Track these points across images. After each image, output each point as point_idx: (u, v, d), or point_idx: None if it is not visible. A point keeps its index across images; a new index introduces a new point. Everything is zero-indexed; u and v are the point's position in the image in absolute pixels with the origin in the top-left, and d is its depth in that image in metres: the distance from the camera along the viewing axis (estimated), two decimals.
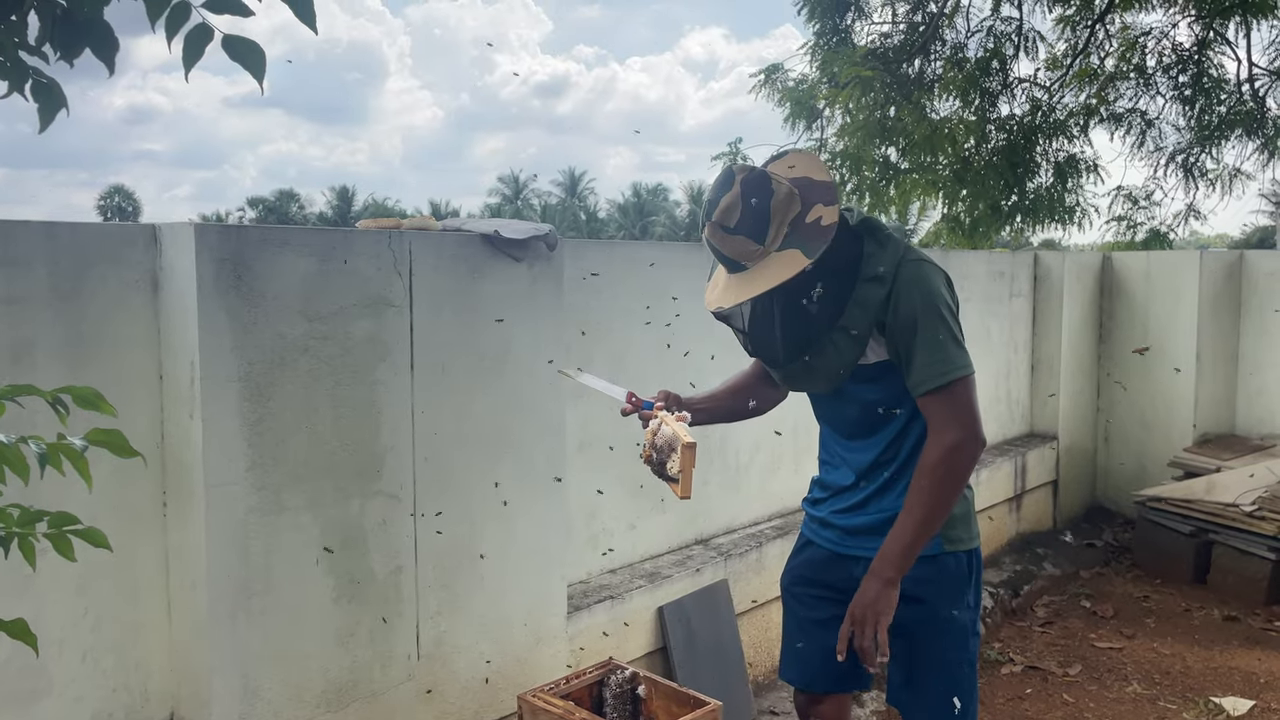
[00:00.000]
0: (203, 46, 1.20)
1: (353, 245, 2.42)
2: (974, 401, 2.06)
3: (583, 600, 3.17)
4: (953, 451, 2.03)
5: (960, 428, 2.03)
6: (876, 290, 2.03)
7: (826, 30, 8.42)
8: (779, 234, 1.99)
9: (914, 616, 2.16)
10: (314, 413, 2.35)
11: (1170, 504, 5.41)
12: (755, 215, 1.97)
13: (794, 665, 2.41)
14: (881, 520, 2.19)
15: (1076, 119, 8.33)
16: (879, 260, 2.05)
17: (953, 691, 2.18)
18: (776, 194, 1.99)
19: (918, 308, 2.01)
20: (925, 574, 2.15)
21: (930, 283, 2.03)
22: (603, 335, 3.34)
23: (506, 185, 61.80)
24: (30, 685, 2.13)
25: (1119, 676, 4.22)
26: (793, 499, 4.26)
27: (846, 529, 2.27)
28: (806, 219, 1.99)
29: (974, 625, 2.23)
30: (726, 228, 1.99)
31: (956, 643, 2.20)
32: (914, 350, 2.03)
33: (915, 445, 2.16)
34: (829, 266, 2.03)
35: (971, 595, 2.22)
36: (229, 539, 2.23)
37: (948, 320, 2.04)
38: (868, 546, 2.21)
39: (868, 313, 2.05)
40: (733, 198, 1.98)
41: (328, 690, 2.42)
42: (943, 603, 2.17)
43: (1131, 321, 6.33)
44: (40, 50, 1.27)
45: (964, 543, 2.19)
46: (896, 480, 2.19)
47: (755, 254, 2.01)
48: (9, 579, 2.03)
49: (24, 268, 2.07)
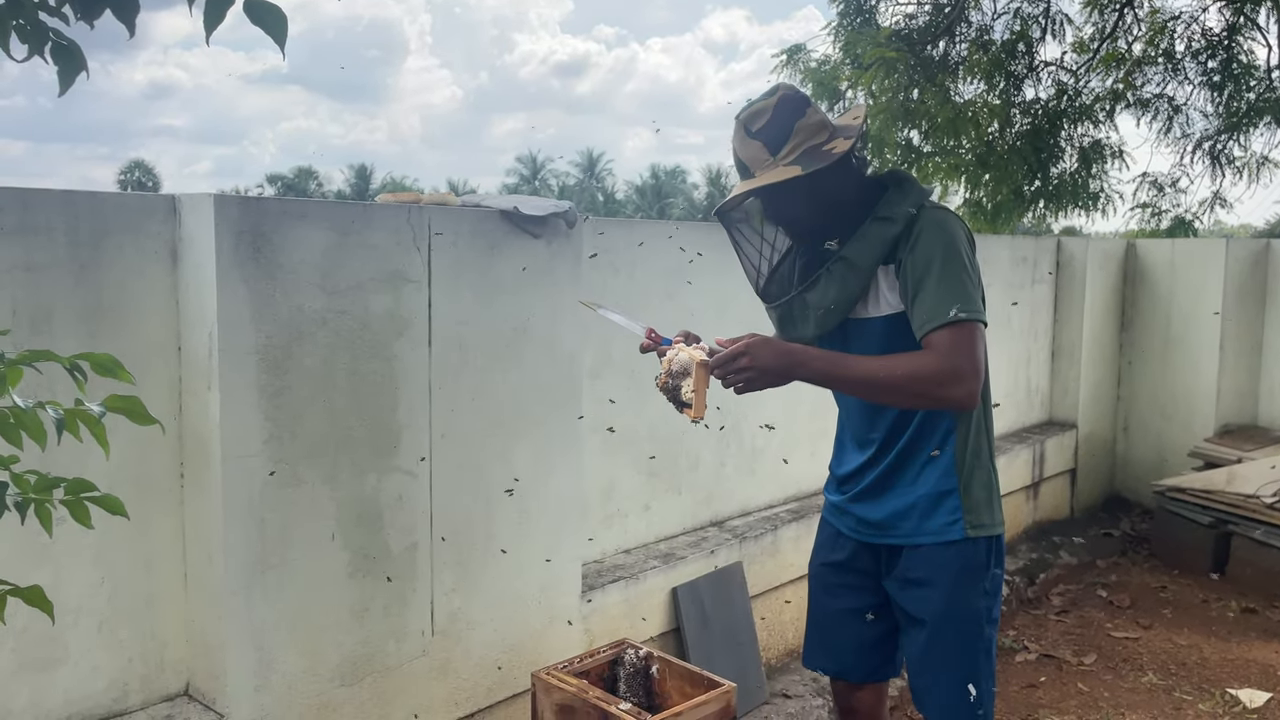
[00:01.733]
0: (224, 10, 1.18)
1: (372, 219, 2.41)
2: (979, 350, 1.91)
3: (597, 580, 3.16)
4: (936, 374, 1.89)
5: (954, 366, 1.88)
6: (885, 229, 2.02)
7: (850, 11, 8.33)
8: (792, 151, 2.01)
9: (931, 603, 2.14)
10: (331, 387, 2.35)
11: (1190, 494, 5.36)
12: (778, 127, 2.01)
13: (823, 654, 2.39)
14: (900, 508, 2.16)
15: (1103, 104, 8.21)
16: (895, 203, 2.04)
17: (968, 679, 2.15)
18: (807, 118, 2.02)
19: (937, 248, 1.96)
20: (945, 559, 2.12)
21: (953, 229, 2.00)
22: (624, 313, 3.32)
23: (524, 165, 61.74)
24: (47, 654, 2.14)
25: (1135, 666, 4.19)
26: (809, 483, 4.24)
27: (865, 520, 2.24)
28: (823, 146, 2.02)
29: (990, 612, 2.18)
30: (749, 130, 2.04)
31: (973, 630, 2.15)
32: (925, 285, 1.94)
33: (926, 423, 2.12)
34: (838, 198, 2.06)
35: (990, 582, 2.16)
36: (245, 511, 2.22)
37: (966, 266, 1.98)
38: (888, 534, 2.19)
39: (872, 249, 2.02)
40: (766, 105, 2.03)
41: (342, 664, 2.43)
42: (961, 590, 2.12)
43: (1154, 309, 6.25)
44: (60, 11, 1.25)
45: (987, 528, 2.13)
46: (907, 459, 2.15)
47: (764, 163, 2.03)
48: (26, 547, 2.04)
49: (44, 236, 2.07)
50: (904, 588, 2.19)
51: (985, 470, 2.15)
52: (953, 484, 2.11)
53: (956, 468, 2.11)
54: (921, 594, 2.14)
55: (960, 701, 2.15)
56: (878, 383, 1.93)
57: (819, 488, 4.31)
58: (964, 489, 2.11)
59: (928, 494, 2.12)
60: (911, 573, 2.16)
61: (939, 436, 2.12)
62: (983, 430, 2.16)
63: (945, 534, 2.11)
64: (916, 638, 2.19)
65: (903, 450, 2.15)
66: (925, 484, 2.12)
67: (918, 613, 2.16)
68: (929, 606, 2.14)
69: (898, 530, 2.16)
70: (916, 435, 2.14)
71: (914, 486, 2.13)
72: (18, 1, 1.21)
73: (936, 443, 2.12)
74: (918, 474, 2.13)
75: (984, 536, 2.13)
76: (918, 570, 2.15)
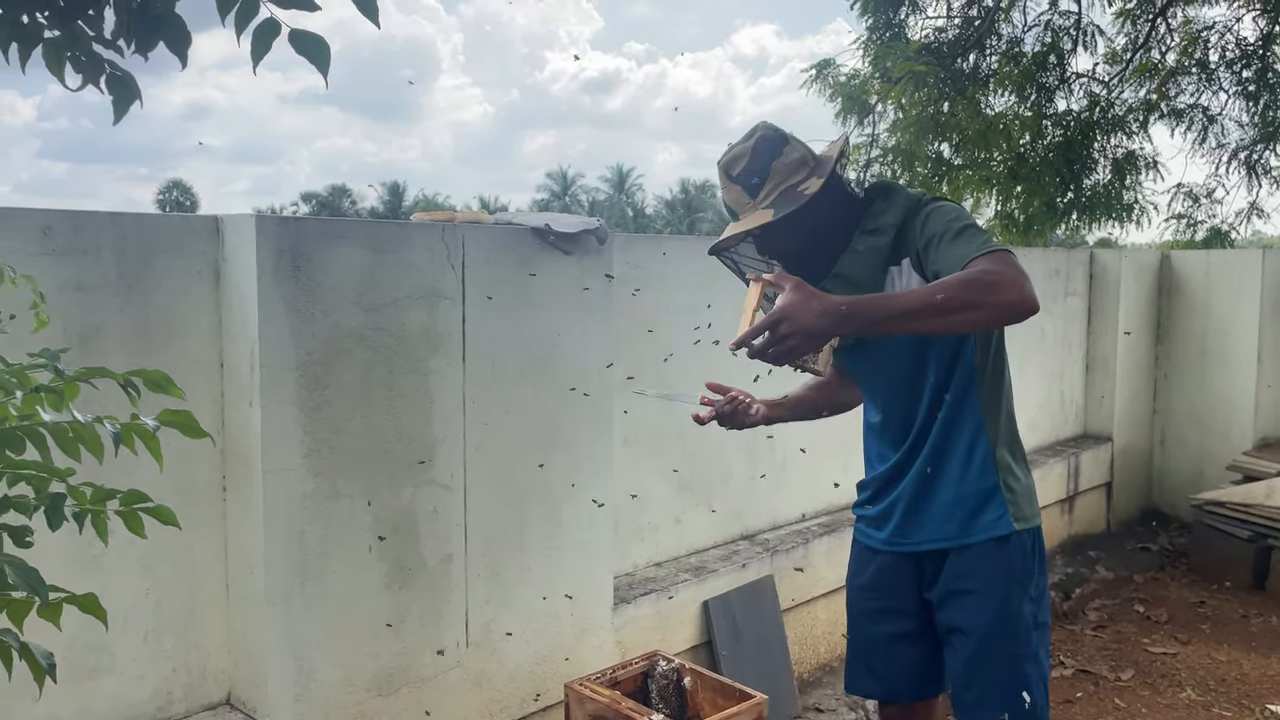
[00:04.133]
0: (270, 40, 1.24)
1: (408, 238, 2.46)
2: (1018, 264, 1.82)
3: (628, 592, 3.19)
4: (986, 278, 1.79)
5: (1001, 271, 1.80)
6: (874, 240, 2.04)
7: (880, 24, 8.33)
8: (770, 194, 2.03)
9: (977, 612, 2.10)
10: (369, 402, 2.40)
11: (1228, 508, 5.29)
12: (755, 170, 2.04)
13: (870, 678, 2.35)
14: (944, 509, 2.13)
15: (1136, 115, 8.15)
16: (880, 214, 2.06)
17: (1022, 687, 2.09)
18: (785, 157, 2.04)
19: (950, 219, 1.95)
20: (992, 563, 2.09)
21: (960, 208, 2.02)
22: (653, 329, 3.36)
23: (555, 181, 62.11)
24: (94, 662, 2.20)
25: (1173, 682, 4.14)
26: (839, 497, 4.24)
27: (906, 526, 2.20)
28: (798, 187, 2.03)
29: (1036, 617, 2.12)
30: (730, 174, 2.07)
31: (1020, 636, 2.10)
32: (945, 241, 1.91)
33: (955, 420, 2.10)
34: (823, 228, 2.08)
35: (1035, 587, 2.12)
36: (285, 524, 2.28)
37: (982, 229, 1.94)
38: (928, 539, 2.17)
39: (864, 260, 2.05)
40: (744, 148, 2.06)
41: (378, 674, 2.47)
42: (1007, 596, 2.09)
43: (1191, 321, 6.19)
44: (115, 44, 1.31)
45: (1029, 520, 2.11)
46: (943, 458, 2.12)
47: (746, 205, 2.06)
48: (76, 557, 2.10)
49: (93, 256, 2.14)
50: (948, 599, 2.15)
51: (1020, 464, 2.15)
52: (994, 479, 2.10)
53: (995, 463, 2.10)
54: (967, 603, 2.11)
55: (1016, 710, 2.09)
56: (933, 305, 1.77)
57: (850, 501, 4.31)
58: (1004, 483, 2.10)
59: (972, 491, 2.10)
60: (957, 581, 2.13)
61: (969, 434, 2.11)
62: (1011, 424, 2.16)
63: (994, 529, 2.09)
64: (962, 650, 2.13)
65: (936, 448, 2.13)
66: (969, 481, 2.10)
67: (963, 624, 2.12)
68: (975, 617, 2.10)
69: (944, 532, 2.13)
70: (948, 431, 2.12)
71: (959, 484, 2.11)
72: (74, 34, 1.27)
73: (968, 440, 2.10)
74: (960, 473, 2.11)
75: (1028, 529, 2.11)
76: (964, 578, 2.12)
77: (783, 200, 2.02)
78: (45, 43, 1.35)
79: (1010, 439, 2.15)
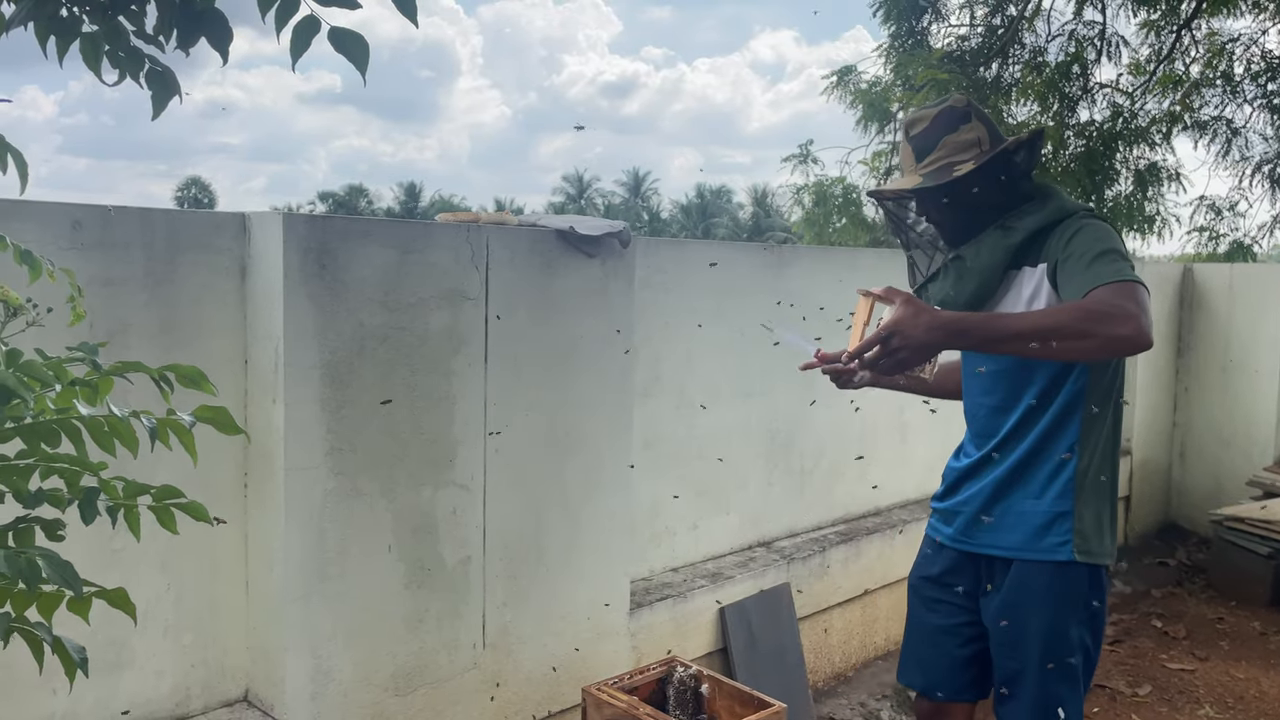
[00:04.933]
0: (309, 38, 1.24)
1: (433, 238, 2.46)
2: (1145, 299, 1.82)
3: (644, 597, 3.18)
4: (1102, 310, 1.80)
5: (1120, 304, 1.80)
6: (1004, 236, 2.11)
7: (902, 32, 8.32)
8: (931, 164, 2.14)
9: (1026, 627, 2.14)
10: (391, 401, 2.39)
11: (1249, 524, 5.24)
12: (928, 138, 2.16)
13: (916, 668, 2.39)
14: (1015, 518, 2.15)
15: (1159, 126, 8.11)
16: (1024, 216, 2.11)
17: (1057, 704, 2.13)
18: (959, 135, 2.14)
19: (1094, 240, 1.97)
20: (1047, 582, 2.11)
21: (1109, 230, 2.03)
22: (670, 333, 3.35)
23: (571, 184, 62.22)
24: (115, 657, 2.20)
25: (1191, 699, 4.10)
26: (857, 506, 4.23)
27: (974, 526, 2.23)
28: (955, 166, 2.12)
29: (1082, 640, 2.15)
30: (908, 133, 2.21)
31: (1064, 655, 2.13)
32: (1082, 263, 1.93)
33: (1052, 432, 2.11)
34: (964, 207, 2.16)
35: (1086, 612, 2.14)
36: (306, 522, 2.28)
37: (1125, 254, 1.96)
38: (990, 544, 2.19)
39: (989, 253, 2.12)
40: (925, 115, 2.18)
41: (396, 674, 2.47)
42: (1058, 616, 2.11)
43: (1213, 335, 6.14)
44: (156, 39, 1.32)
45: (1095, 556, 2.11)
46: (1029, 468, 2.14)
47: (910, 168, 2.19)
48: (98, 552, 2.11)
49: (121, 251, 2.14)
50: (1003, 608, 2.18)
51: (1102, 498, 2.14)
52: (1069, 505, 2.11)
53: (1075, 489, 2.11)
54: (1018, 615, 2.14)
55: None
56: (1044, 329, 1.80)
57: (867, 510, 4.29)
58: (1078, 512, 2.11)
59: (1045, 511, 2.12)
60: (1013, 593, 2.16)
61: (1059, 454, 2.12)
62: (1107, 456, 2.15)
63: (1055, 554, 2.10)
64: (1007, 659, 2.18)
65: (1023, 459, 2.15)
66: (1045, 500, 2.12)
67: (1011, 634, 2.16)
68: (1024, 629, 2.14)
69: (1007, 541, 2.16)
70: (1039, 445, 2.13)
71: (1037, 501, 2.13)
72: (116, 29, 1.27)
73: (1057, 460, 2.12)
74: (1041, 489, 2.13)
75: (1088, 564, 2.11)
76: (1019, 590, 2.15)
77: (935, 173, 2.13)
78: (83, 37, 1.35)
79: (1101, 470, 2.14)
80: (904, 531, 4.18)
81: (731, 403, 3.57)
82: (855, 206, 9.00)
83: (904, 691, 3.86)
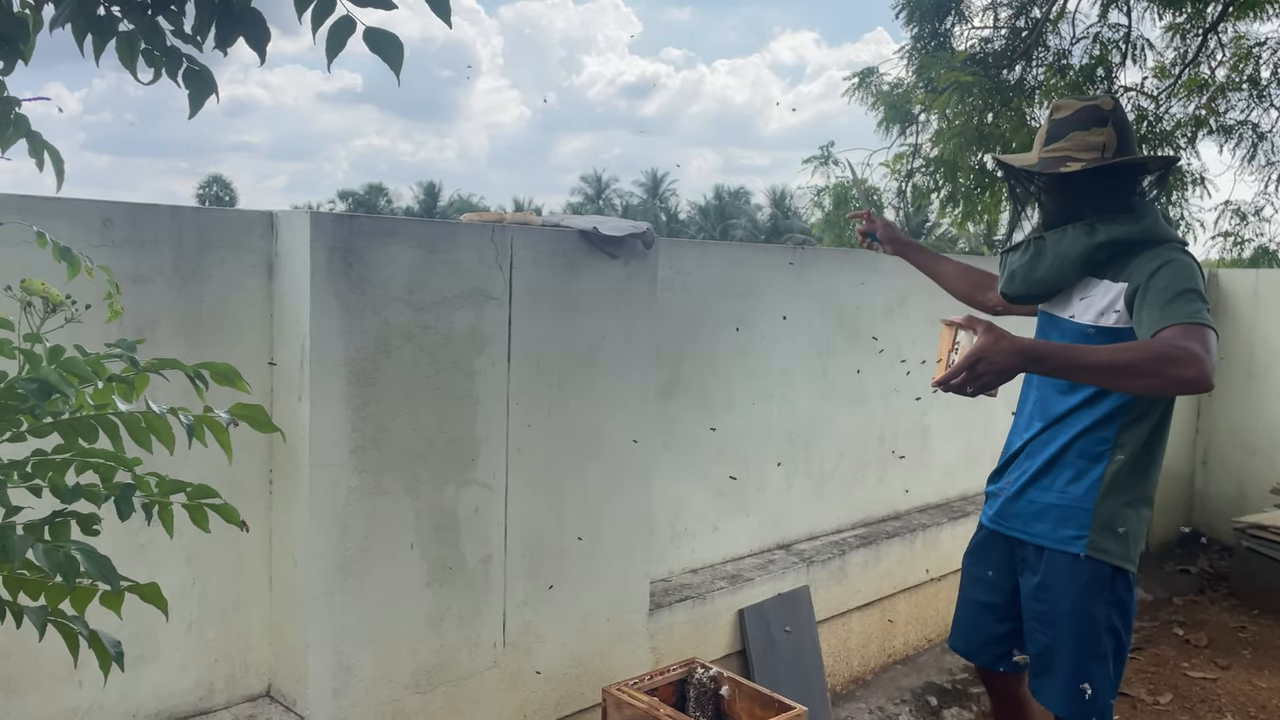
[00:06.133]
0: (345, 38, 1.24)
1: (458, 238, 2.47)
2: (1211, 343, 1.98)
3: (664, 598, 3.18)
4: (1169, 353, 1.95)
5: (1187, 347, 1.95)
6: (1084, 235, 2.26)
7: (925, 34, 8.29)
8: (1053, 152, 2.30)
9: (1055, 606, 2.32)
10: (415, 400, 2.41)
11: (1272, 532, 5.19)
12: (1062, 127, 2.31)
13: (960, 636, 2.64)
14: (1041, 508, 2.34)
15: (1184, 130, 8.05)
16: (1111, 224, 2.24)
17: (1084, 679, 2.29)
18: (1089, 134, 2.27)
19: (1178, 280, 2.10)
20: (1071, 570, 2.29)
21: (1193, 270, 2.15)
22: (691, 334, 3.35)
23: (589, 185, 62.29)
24: (140, 651, 2.22)
25: (1213, 708, 4.06)
26: (877, 509, 4.21)
27: (1009, 510, 2.43)
28: (1068, 161, 2.26)
29: (1110, 621, 2.29)
30: (1051, 115, 2.37)
31: (1091, 635, 2.29)
32: (1160, 301, 2.08)
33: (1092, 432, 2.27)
34: (1066, 200, 2.33)
35: (1114, 595, 2.28)
36: (330, 518, 2.29)
37: (1202, 296, 2.10)
38: (1019, 529, 2.39)
39: (1066, 244, 2.29)
40: (1072, 104, 2.33)
41: (417, 672, 2.48)
42: (1085, 597, 2.28)
43: (1237, 341, 6.09)
44: (194, 39, 1.33)
45: (1110, 555, 2.26)
46: (1063, 460, 2.31)
47: (1037, 146, 2.37)
48: (124, 547, 2.13)
49: (150, 249, 2.16)
50: (1035, 590, 2.37)
51: (1129, 505, 2.28)
52: (1090, 504, 2.27)
53: (1101, 489, 2.27)
54: (1048, 596, 2.33)
55: (1075, 700, 2.30)
56: (1115, 366, 1.97)
57: (887, 514, 4.28)
58: (1098, 512, 2.26)
59: (1068, 503, 2.30)
60: (1042, 575, 2.35)
61: (1095, 453, 2.28)
62: (1139, 471, 2.29)
63: (1069, 545, 2.29)
64: (1039, 638, 2.37)
65: (1060, 451, 2.32)
66: (1071, 495, 2.30)
67: (1042, 614, 2.35)
68: (1053, 610, 2.32)
69: (1032, 529, 2.37)
70: (1077, 441, 2.30)
71: (1062, 492, 2.31)
72: (153, 28, 1.28)
73: (1091, 458, 2.28)
74: (1068, 483, 2.30)
75: (1104, 562, 2.27)
76: (1048, 574, 2.33)
77: (1051, 161, 2.30)
78: (119, 36, 1.36)
79: (1133, 477, 2.28)
80: (924, 535, 4.16)
81: (752, 404, 3.57)
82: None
83: (922, 696, 3.85)
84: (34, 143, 1.26)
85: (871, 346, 4.01)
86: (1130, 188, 2.31)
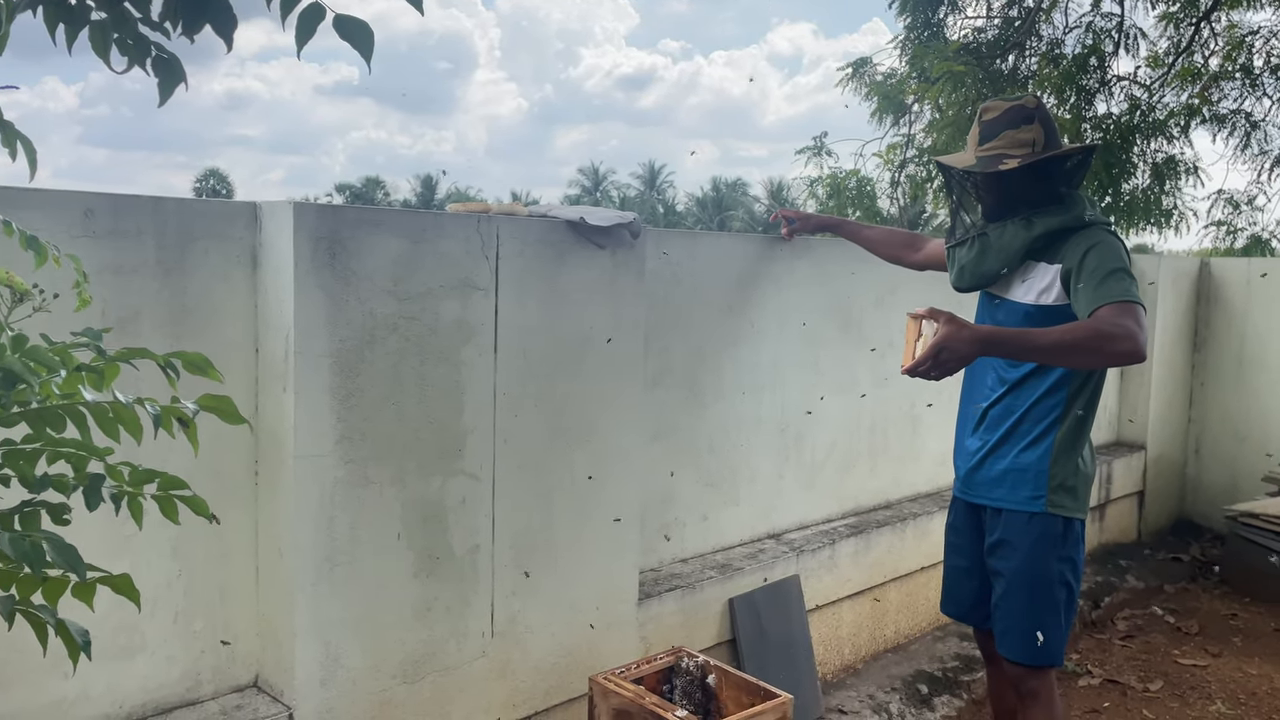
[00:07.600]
0: (314, 25, 1.24)
1: (443, 228, 2.46)
2: (1141, 318, 2.21)
3: (653, 588, 3.18)
4: (1109, 332, 2.18)
5: (1123, 325, 2.18)
6: (1022, 229, 2.48)
7: (918, 24, 8.28)
8: (988, 151, 2.49)
9: (1010, 560, 2.56)
10: (400, 390, 2.40)
11: (1263, 520, 5.21)
12: (993, 127, 2.51)
13: (949, 601, 2.89)
14: (1000, 474, 2.57)
15: (1177, 119, 8.04)
16: (1044, 215, 2.45)
17: (1037, 627, 2.53)
18: (1019, 132, 2.47)
19: (1104, 262, 2.31)
20: (1027, 526, 2.53)
21: (1121, 250, 2.38)
22: (681, 324, 3.35)
23: (586, 177, 62.20)
24: (125, 643, 2.22)
25: (1203, 695, 4.08)
26: (867, 499, 4.22)
27: (972, 479, 2.67)
28: (1003, 159, 2.45)
29: (1064, 576, 2.54)
30: (981, 116, 2.56)
31: (1044, 585, 2.53)
32: (1093, 282, 2.29)
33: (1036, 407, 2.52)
34: (1002, 195, 2.53)
35: (1065, 552, 2.53)
36: (316, 509, 2.29)
37: (1129, 273, 2.32)
38: (982, 495, 2.64)
39: (1008, 239, 2.50)
40: (1001, 107, 2.53)
41: (405, 662, 2.48)
42: (1037, 552, 2.52)
43: (1229, 330, 6.10)
44: (162, 26, 1.32)
45: (1066, 509, 2.52)
46: (1013, 433, 2.55)
47: (971, 146, 2.56)
48: (109, 538, 2.13)
49: (133, 239, 2.16)
50: (994, 547, 2.62)
51: (1076, 462, 2.54)
52: (1045, 465, 2.51)
53: (1052, 453, 2.51)
54: (1004, 552, 2.58)
55: (1029, 646, 2.55)
56: (1063, 345, 2.21)
57: (878, 503, 4.28)
58: (1052, 473, 2.51)
59: (1022, 469, 2.54)
60: (1000, 533, 2.59)
61: (1047, 420, 2.51)
62: (1082, 430, 2.55)
63: (1030, 505, 2.53)
64: (997, 589, 2.62)
65: (1016, 421, 2.55)
66: (1024, 459, 2.53)
67: (1000, 568, 2.60)
68: (1008, 564, 2.57)
69: (993, 494, 2.61)
70: (1030, 410, 2.53)
71: (1018, 457, 2.55)
72: (122, 16, 1.27)
73: (1045, 424, 2.51)
74: (1022, 448, 2.54)
75: (1062, 516, 2.52)
76: (1005, 531, 2.57)
77: (987, 160, 2.49)
78: (91, 25, 1.35)
79: (1076, 436, 2.53)
80: (914, 524, 4.17)
81: (742, 394, 3.57)
82: (869, 199, 8.97)
83: (913, 684, 3.86)
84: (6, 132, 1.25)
85: (862, 337, 4.01)
86: (1058, 178, 2.52)
